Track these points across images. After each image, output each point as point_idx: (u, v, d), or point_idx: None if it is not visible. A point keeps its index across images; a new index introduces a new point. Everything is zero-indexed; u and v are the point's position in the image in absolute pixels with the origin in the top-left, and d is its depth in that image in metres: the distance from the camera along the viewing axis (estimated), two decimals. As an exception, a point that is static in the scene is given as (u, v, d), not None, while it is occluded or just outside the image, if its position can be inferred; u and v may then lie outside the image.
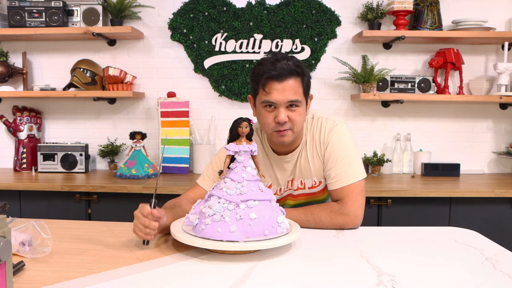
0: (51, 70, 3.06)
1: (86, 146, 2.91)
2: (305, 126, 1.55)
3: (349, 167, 1.47)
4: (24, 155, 2.94)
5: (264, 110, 1.42)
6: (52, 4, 2.79)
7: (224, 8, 2.93)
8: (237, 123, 1.23)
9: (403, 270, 1.07)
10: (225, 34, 2.95)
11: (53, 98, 3.04)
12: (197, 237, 1.14)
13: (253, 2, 2.93)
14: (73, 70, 2.90)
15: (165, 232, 1.31)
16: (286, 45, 2.95)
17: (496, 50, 3.00)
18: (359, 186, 1.47)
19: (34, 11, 2.80)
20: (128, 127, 3.06)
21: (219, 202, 1.16)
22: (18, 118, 2.95)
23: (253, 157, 1.26)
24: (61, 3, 2.79)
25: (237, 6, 2.94)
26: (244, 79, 2.96)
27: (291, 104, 1.40)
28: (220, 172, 1.27)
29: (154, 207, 1.22)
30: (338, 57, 2.94)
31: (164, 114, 2.84)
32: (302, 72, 1.42)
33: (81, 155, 2.88)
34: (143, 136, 2.86)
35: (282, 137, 1.44)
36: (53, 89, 2.96)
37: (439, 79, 2.97)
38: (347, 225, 1.43)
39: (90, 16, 2.84)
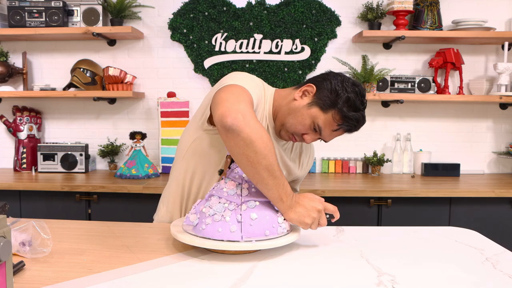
0: (51, 70, 3.06)
1: (86, 146, 2.91)
2: None
3: None
4: (24, 155, 2.94)
5: (309, 121, 1.33)
6: (52, 4, 2.79)
7: (224, 8, 2.93)
8: (238, 123, 1.22)
9: (403, 270, 1.07)
10: (225, 34, 2.95)
11: (53, 98, 3.04)
12: (197, 237, 1.14)
13: (253, 2, 2.93)
14: (73, 70, 2.90)
15: None
16: (286, 45, 2.95)
17: (496, 50, 3.00)
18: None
19: (34, 11, 2.79)
20: (128, 127, 3.06)
21: (219, 202, 1.16)
22: (18, 118, 2.95)
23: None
24: (61, 3, 2.79)
25: (237, 6, 2.94)
26: (244, 79, 2.95)
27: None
28: (221, 172, 1.27)
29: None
30: (338, 57, 2.94)
31: (164, 114, 2.84)
32: None
33: (81, 155, 2.88)
34: (143, 136, 2.86)
35: (288, 139, 1.40)
36: (53, 89, 2.96)
37: (439, 79, 2.97)
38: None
39: (90, 16, 2.84)
